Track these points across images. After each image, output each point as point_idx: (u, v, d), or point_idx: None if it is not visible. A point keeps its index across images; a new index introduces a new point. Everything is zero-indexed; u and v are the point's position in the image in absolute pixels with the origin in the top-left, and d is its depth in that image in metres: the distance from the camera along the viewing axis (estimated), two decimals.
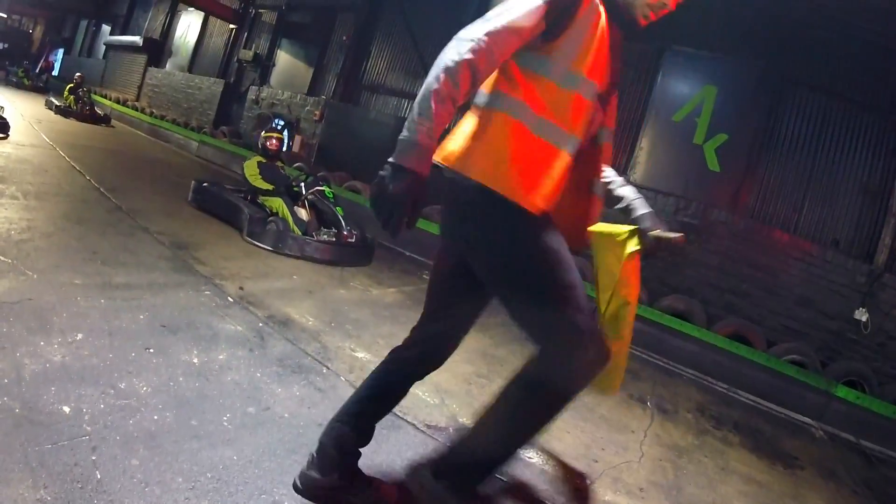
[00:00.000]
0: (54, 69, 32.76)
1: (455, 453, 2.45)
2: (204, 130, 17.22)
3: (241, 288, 5.00)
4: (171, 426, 2.61)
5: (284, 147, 9.24)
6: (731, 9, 9.92)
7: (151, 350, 3.28)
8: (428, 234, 8.86)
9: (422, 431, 3.43)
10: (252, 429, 2.82)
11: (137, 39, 23.00)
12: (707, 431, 5.40)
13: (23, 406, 2.42)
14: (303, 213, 7.35)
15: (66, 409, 2.48)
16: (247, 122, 16.80)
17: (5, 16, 38.08)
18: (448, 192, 2.27)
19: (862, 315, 8.60)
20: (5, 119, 9.61)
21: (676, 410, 5.75)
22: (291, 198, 7.58)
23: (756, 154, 9.97)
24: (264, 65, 17.58)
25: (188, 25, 21.97)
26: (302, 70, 16.82)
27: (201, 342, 3.61)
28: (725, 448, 5.07)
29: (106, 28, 28.20)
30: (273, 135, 8.25)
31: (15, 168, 7.44)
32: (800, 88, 9.78)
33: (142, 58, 23.09)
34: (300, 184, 7.76)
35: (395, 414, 3.47)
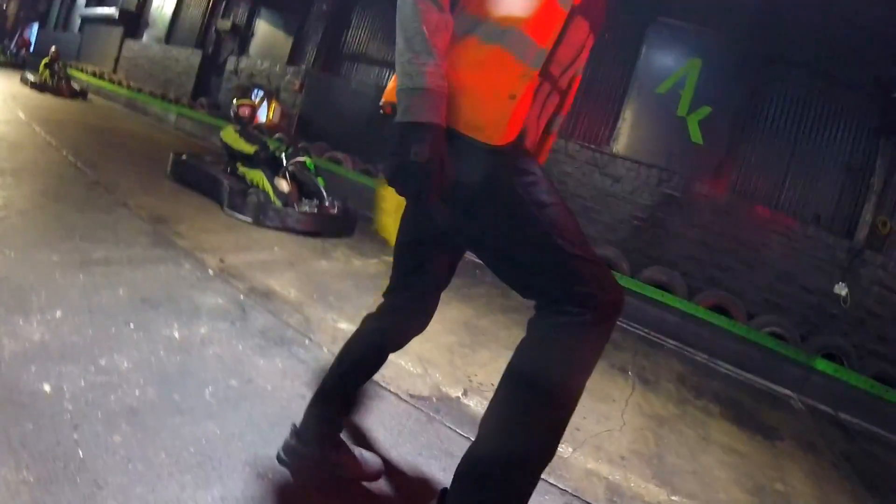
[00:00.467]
0: (31, 45, 32.28)
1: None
2: (182, 102, 17.04)
3: (222, 261, 4.97)
4: (153, 402, 2.60)
5: (262, 117, 9.07)
6: None
7: (132, 325, 3.25)
8: None
9: (405, 401, 3.45)
10: (235, 402, 2.81)
11: (113, 11, 22.59)
12: (688, 401, 5.46)
13: (2, 386, 2.39)
14: (283, 185, 7.28)
15: (47, 388, 2.45)
16: (225, 94, 16.63)
17: None
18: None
19: (841, 290, 8.74)
20: None
21: (657, 380, 5.82)
22: (272, 169, 7.52)
23: (739, 128, 10.07)
24: (243, 35, 17.38)
25: None
26: (281, 40, 16.63)
27: (182, 316, 3.59)
28: (706, 418, 5.13)
29: (81, 1, 27.76)
30: (244, 101, 8.09)
31: None
32: (784, 65, 9.85)
33: (118, 30, 22.70)
34: (280, 154, 7.71)
35: (379, 384, 3.50)
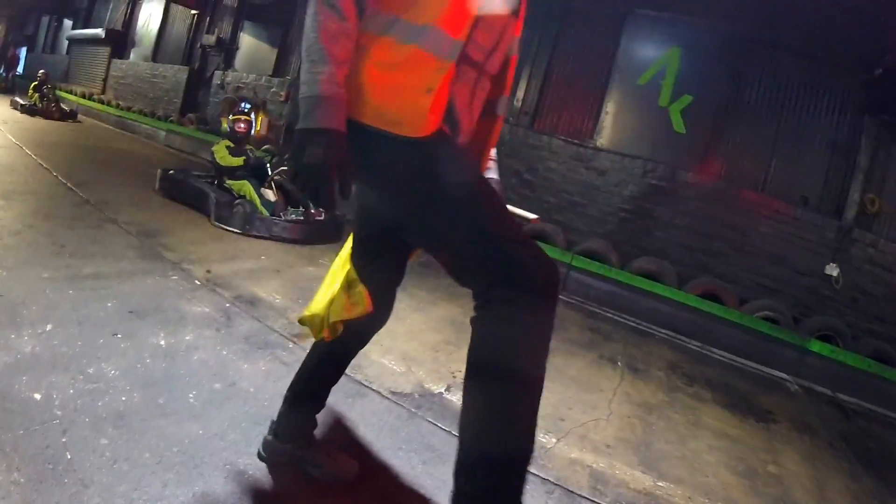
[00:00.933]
0: (19, 68, 32.28)
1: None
2: (171, 119, 17.08)
3: (209, 271, 5.04)
4: (139, 406, 2.69)
5: (252, 130, 9.17)
6: None
7: (119, 335, 3.34)
8: None
9: (387, 398, 3.51)
10: (218, 404, 2.91)
11: (100, 32, 22.59)
12: (679, 388, 5.49)
13: None
14: (270, 195, 7.36)
15: (38, 396, 2.54)
16: (213, 108, 16.64)
17: None
18: None
19: (833, 270, 8.77)
20: None
21: (648, 369, 5.86)
22: (258, 179, 7.60)
23: (722, 114, 10.08)
24: (228, 49, 17.42)
25: (150, 14, 21.63)
26: (266, 52, 16.69)
27: (168, 325, 3.67)
28: (697, 404, 5.16)
29: (68, 23, 27.75)
30: (241, 117, 8.15)
31: None
32: (764, 48, 9.86)
33: (105, 50, 22.73)
34: (266, 165, 7.78)
35: (361, 383, 3.58)
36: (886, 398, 7.14)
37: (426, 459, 2.93)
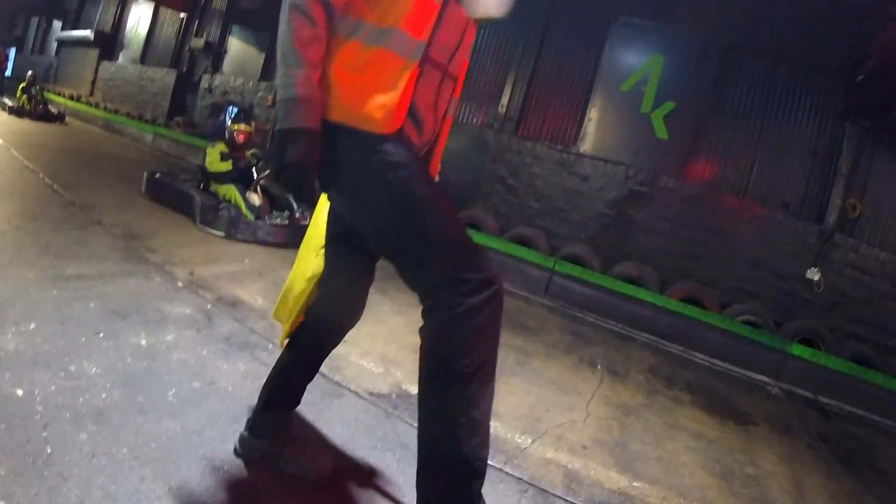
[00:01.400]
0: (7, 69, 32.10)
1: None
2: (158, 122, 17.06)
3: (192, 273, 5.07)
4: (119, 403, 2.74)
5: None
6: None
7: (101, 335, 3.38)
8: None
9: (364, 399, 3.56)
10: (196, 402, 2.95)
11: (88, 34, 22.56)
12: (658, 391, 5.54)
13: None
14: (255, 199, 7.39)
15: (20, 392, 2.59)
16: (200, 112, 16.68)
17: None
18: None
19: (814, 275, 8.84)
20: None
21: (627, 372, 5.90)
22: (244, 183, 7.64)
23: (704, 120, 10.15)
24: (216, 52, 17.46)
25: (139, 16, 21.62)
26: (254, 56, 16.76)
27: (150, 325, 3.71)
28: (676, 406, 5.21)
29: (57, 24, 27.67)
30: (241, 127, 8.10)
31: None
32: (746, 54, 9.97)
33: (94, 52, 22.66)
34: (251, 168, 7.81)
35: (339, 383, 3.64)
36: (867, 400, 7.25)
37: (400, 458, 2.98)
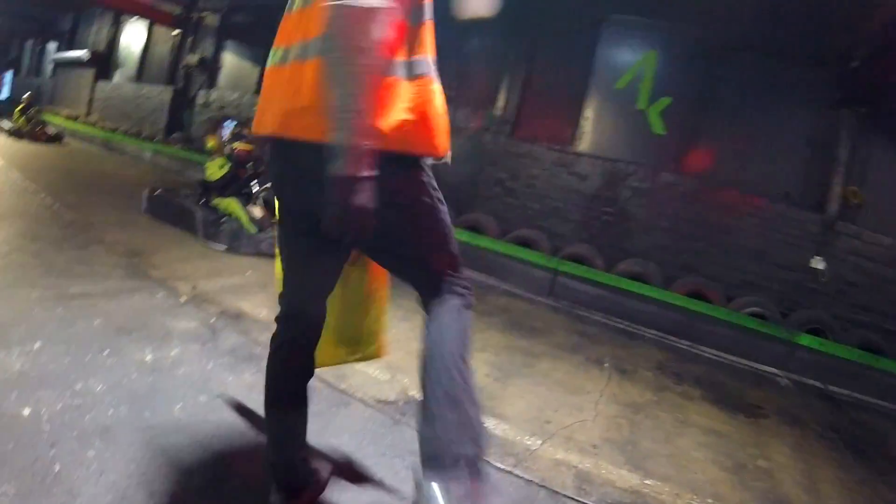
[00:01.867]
0: (3, 92, 32.16)
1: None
2: (156, 139, 17.14)
3: (195, 287, 5.07)
4: (125, 419, 2.74)
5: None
6: None
7: (106, 352, 3.38)
8: None
9: (371, 406, 3.56)
10: (203, 416, 2.96)
11: (84, 54, 22.62)
12: (666, 388, 5.52)
13: None
14: (256, 211, 7.39)
15: (26, 412, 2.59)
16: (198, 127, 16.71)
17: None
18: None
19: (818, 263, 8.82)
20: None
21: (635, 370, 5.88)
22: (244, 197, 7.64)
23: (700, 115, 10.15)
24: (211, 68, 17.54)
25: (133, 35, 21.73)
26: (248, 70, 16.82)
27: (154, 341, 3.72)
28: (685, 402, 5.19)
29: (52, 46, 27.78)
30: (242, 145, 8.09)
31: None
32: (739, 47, 9.94)
33: (89, 72, 22.76)
34: (252, 182, 7.81)
35: (345, 392, 3.64)
36: (877, 387, 7.24)
37: (409, 464, 2.94)
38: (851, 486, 4.23)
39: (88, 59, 22.43)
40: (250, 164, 8.04)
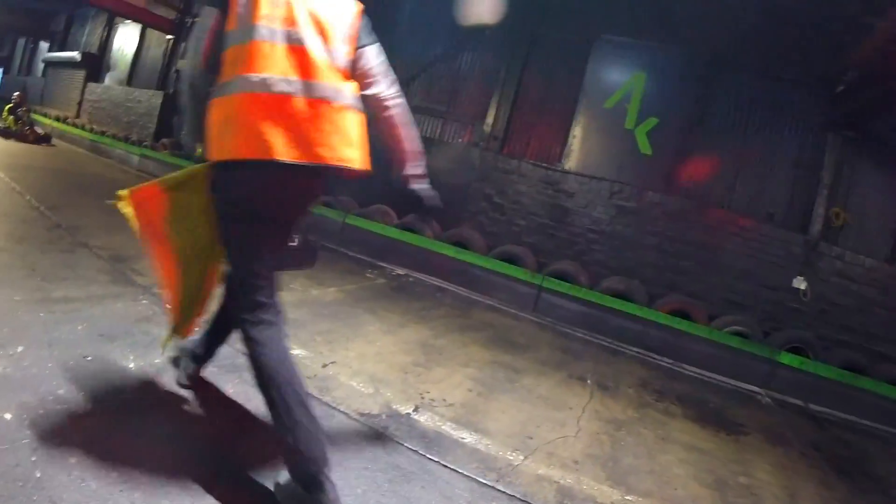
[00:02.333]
0: None
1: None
2: (145, 144, 17.06)
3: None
4: (108, 426, 2.74)
5: None
6: None
7: (90, 358, 3.37)
8: (373, 235, 9.25)
9: (354, 420, 3.56)
10: (186, 425, 2.96)
11: (75, 55, 22.61)
12: (649, 405, 5.56)
13: None
14: None
15: (8, 416, 2.58)
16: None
17: None
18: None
19: (801, 284, 8.91)
20: None
21: (618, 386, 5.91)
22: None
23: (687, 135, 10.27)
24: None
25: (126, 38, 21.71)
26: None
27: (138, 348, 3.70)
28: (667, 419, 5.22)
29: (44, 45, 27.71)
30: None
31: None
32: (727, 70, 10.10)
33: (80, 73, 22.70)
34: None
35: (328, 404, 3.64)
36: (858, 406, 7.31)
37: (392, 478, 2.98)
38: None
39: (80, 61, 22.36)
40: None
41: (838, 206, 9.38)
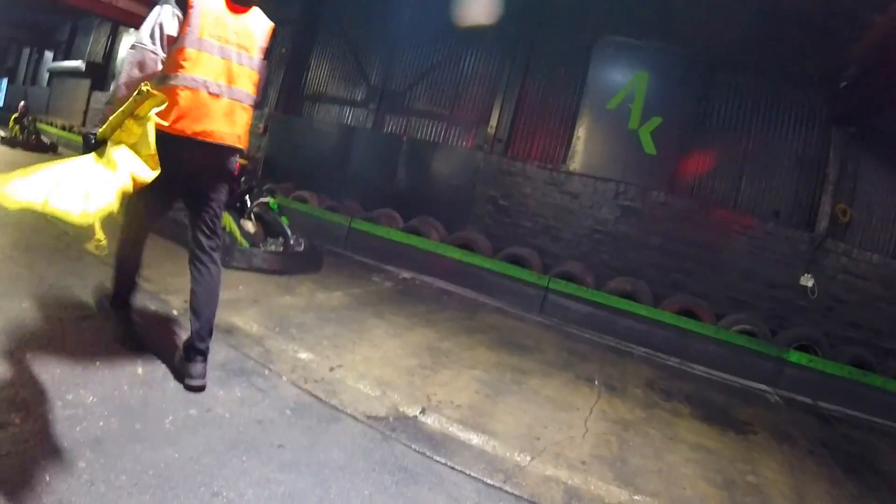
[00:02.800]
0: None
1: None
2: None
3: (186, 301, 5.05)
4: (116, 431, 2.75)
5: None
6: None
7: (98, 364, 3.39)
8: (379, 239, 9.23)
9: (361, 422, 3.57)
10: (193, 429, 2.97)
11: (80, 64, 22.60)
12: (656, 404, 5.55)
13: None
14: (249, 226, 7.41)
15: (17, 421, 2.60)
16: None
17: None
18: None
19: (807, 281, 8.89)
20: None
21: (625, 387, 5.90)
22: (238, 212, 7.66)
23: (691, 135, 10.23)
24: None
25: (129, 47, 21.68)
26: None
27: (146, 354, 3.72)
28: (675, 419, 5.21)
29: (49, 55, 27.75)
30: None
31: None
32: (730, 69, 10.07)
33: (85, 82, 22.66)
34: (245, 197, 7.83)
35: (335, 407, 3.66)
36: (867, 403, 7.30)
37: (399, 480, 2.99)
38: (841, 502, 4.27)
39: (84, 70, 22.39)
40: (243, 179, 8.05)
41: (844, 203, 9.34)
